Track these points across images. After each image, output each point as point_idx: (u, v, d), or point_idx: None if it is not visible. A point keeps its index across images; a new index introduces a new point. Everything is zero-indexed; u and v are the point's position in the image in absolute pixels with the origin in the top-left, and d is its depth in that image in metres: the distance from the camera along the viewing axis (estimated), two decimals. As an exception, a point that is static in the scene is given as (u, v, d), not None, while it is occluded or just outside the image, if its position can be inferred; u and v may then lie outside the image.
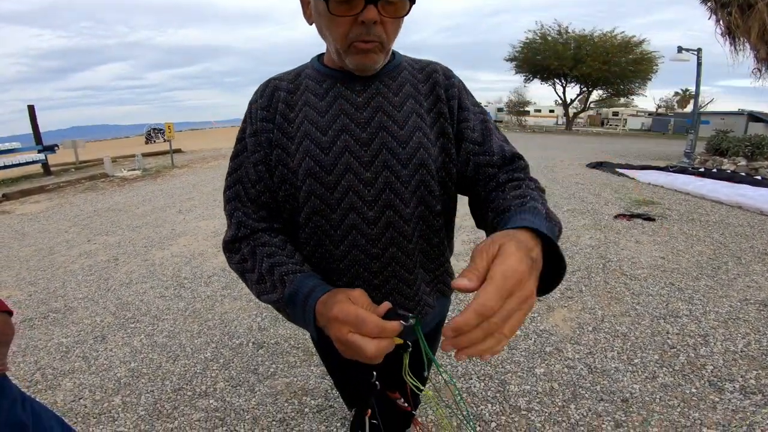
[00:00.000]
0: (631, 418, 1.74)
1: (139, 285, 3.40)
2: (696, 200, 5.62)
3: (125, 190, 7.50)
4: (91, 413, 1.86)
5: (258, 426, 1.77)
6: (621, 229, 4.47)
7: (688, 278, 3.20)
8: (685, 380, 1.97)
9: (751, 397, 1.81)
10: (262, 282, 0.68)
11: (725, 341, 2.28)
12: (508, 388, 1.99)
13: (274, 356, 2.32)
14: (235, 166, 0.74)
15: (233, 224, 0.73)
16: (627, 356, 2.20)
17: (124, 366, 2.23)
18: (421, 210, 0.73)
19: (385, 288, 0.76)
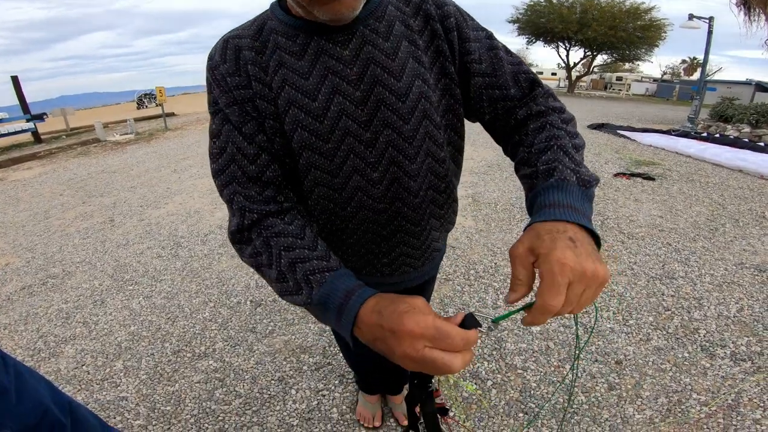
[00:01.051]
0: (624, 380, 1.77)
1: (136, 245, 3.40)
2: (697, 163, 5.57)
3: (118, 153, 7.40)
4: (94, 379, 1.88)
5: (257, 385, 1.80)
6: (620, 188, 4.46)
7: (685, 239, 3.20)
8: (678, 344, 2.00)
9: (741, 364, 1.84)
10: (283, 280, 0.57)
11: (719, 305, 2.31)
12: (505, 345, 2.02)
13: (272, 314, 2.35)
14: (221, 145, 0.61)
15: (236, 211, 0.61)
16: (622, 317, 2.23)
17: (124, 330, 2.25)
18: (429, 162, 0.70)
19: (394, 239, 0.75)
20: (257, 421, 1.61)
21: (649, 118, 11.55)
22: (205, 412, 1.66)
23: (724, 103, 9.58)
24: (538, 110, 0.65)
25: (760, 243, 3.11)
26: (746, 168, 5.10)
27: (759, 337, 2.01)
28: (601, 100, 20.97)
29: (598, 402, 1.65)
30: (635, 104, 18.58)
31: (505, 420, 1.58)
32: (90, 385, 1.85)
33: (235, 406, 1.69)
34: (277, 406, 1.68)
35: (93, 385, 1.85)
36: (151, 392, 1.78)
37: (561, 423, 1.55)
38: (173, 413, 1.66)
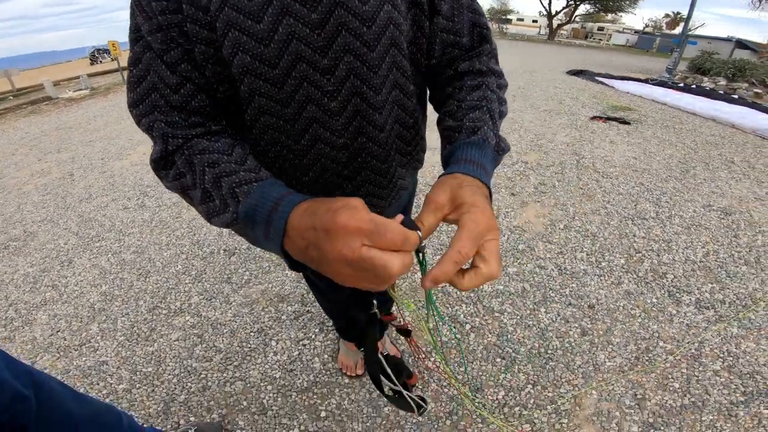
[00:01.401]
0: (596, 326, 1.82)
1: (99, 199, 3.22)
2: (672, 111, 5.64)
3: (73, 110, 6.87)
4: (71, 345, 1.81)
5: (236, 339, 1.77)
6: (596, 130, 4.54)
7: (657, 179, 3.28)
8: (647, 288, 2.06)
9: (704, 312, 1.90)
10: (208, 200, 0.52)
11: (686, 249, 2.38)
12: (482, 288, 2.04)
13: (247, 262, 2.29)
14: (140, 74, 0.54)
15: (158, 138, 0.55)
16: (595, 258, 2.28)
17: (95, 290, 2.16)
18: (395, 94, 0.63)
19: (357, 179, 0.69)
20: (240, 376, 1.59)
21: (628, 67, 11.52)
22: (187, 370, 1.63)
23: (704, 56, 9.76)
24: (480, 69, 0.66)
25: (728, 186, 3.21)
26: (719, 117, 5.22)
27: (722, 284, 2.09)
28: (581, 48, 20.73)
29: (571, 348, 1.70)
30: (615, 54, 18.53)
31: (483, 365, 1.62)
32: (68, 351, 1.78)
33: (216, 362, 1.66)
34: (258, 359, 1.67)
35: (71, 351, 1.78)
36: (130, 354, 1.74)
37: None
38: (155, 374, 1.63)
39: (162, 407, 1.49)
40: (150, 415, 1.47)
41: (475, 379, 1.56)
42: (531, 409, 1.44)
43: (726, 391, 1.52)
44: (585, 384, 1.54)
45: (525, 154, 3.78)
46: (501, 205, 2.85)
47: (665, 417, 1.42)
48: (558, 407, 1.45)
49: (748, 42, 19.02)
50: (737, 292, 2.03)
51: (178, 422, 1.43)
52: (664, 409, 1.45)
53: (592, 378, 1.57)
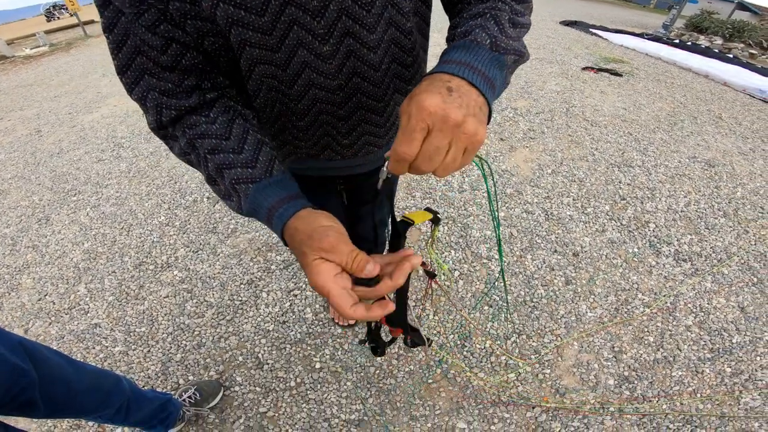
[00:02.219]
0: (580, 275, 1.86)
1: (71, 152, 3.07)
2: (665, 66, 5.55)
3: (33, 67, 6.37)
4: (61, 309, 1.77)
5: (227, 292, 1.77)
6: (587, 80, 4.49)
7: (645, 130, 3.29)
8: (629, 237, 2.10)
9: (682, 265, 1.96)
10: (214, 183, 0.57)
11: (669, 198, 2.41)
12: (470, 233, 2.06)
13: (231, 211, 2.24)
14: (118, 39, 0.51)
15: (151, 108, 0.54)
16: (581, 204, 2.31)
17: (77, 248, 2.09)
18: (392, 33, 0.60)
19: (352, 118, 0.68)
20: (233, 331, 1.61)
21: (624, 21, 11.15)
22: (180, 328, 1.63)
23: (703, 14, 9.55)
24: None
25: (714, 140, 3.23)
26: (712, 74, 5.17)
27: (700, 236, 2.15)
28: (577, 0, 19.90)
29: (555, 296, 1.76)
30: (611, 6, 17.88)
31: (471, 313, 1.67)
32: (59, 315, 1.74)
33: (209, 317, 1.67)
34: (250, 312, 1.68)
35: (62, 315, 1.75)
36: (122, 314, 1.72)
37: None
38: (149, 334, 1.63)
39: (160, 368, 1.50)
40: (149, 376, 1.48)
41: (464, 327, 1.61)
42: (516, 358, 1.51)
43: (695, 347, 1.60)
44: (567, 334, 1.61)
45: (515, 101, 3.72)
46: (490, 150, 2.84)
47: (639, 371, 1.50)
48: (541, 357, 1.52)
49: (749, 4, 18.71)
50: (714, 245, 2.10)
51: (177, 382, 1.45)
52: (639, 362, 1.53)
53: (574, 328, 1.63)
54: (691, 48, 6.88)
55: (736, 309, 1.76)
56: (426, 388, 1.42)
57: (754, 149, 3.14)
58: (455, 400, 1.38)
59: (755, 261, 2.00)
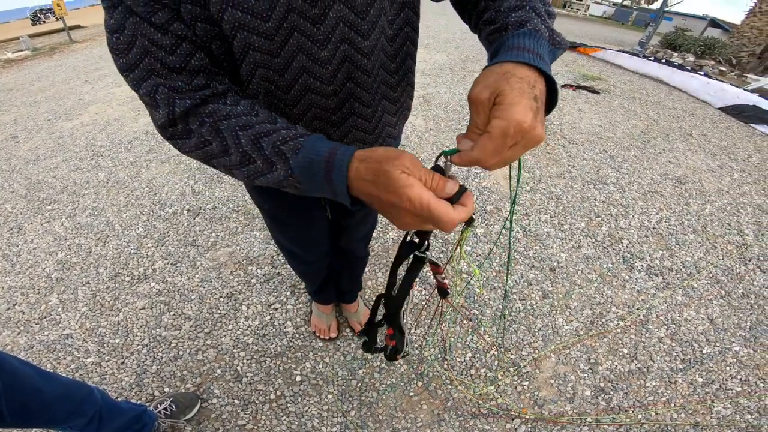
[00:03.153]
0: (557, 289, 1.91)
1: (48, 160, 2.98)
2: (639, 82, 5.79)
3: (13, 71, 6.21)
4: (31, 319, 1.71)
5: (205, 305, 1.74)
6: (566, 97, 4.63)
7: (620, 147, 3.42)
8: (604, 253, 2.17)
9: (654, 279, 2.03)
10: (249, 162, 0.52)
11: (641, 215, 2.51)
12: (451, 248, 2.09)
13: (213, 223, 2.23)
14: (128, 40, 0.50)
15: (162, 102, 0.52)
16: (558, 221, 2.37)
17: (51, 258, 2.03)
18: (383, 41, 0.64)
19: (344, 124, 0.71)
20: (211, 344, 1.58)
21: (602, 38, 11.57)
22: (156, 340, 1.60)
23: (677, 32, 9.98)
24: None
25: (684, 157, 3.38)
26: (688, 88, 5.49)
27: (671, 251, 2.24)
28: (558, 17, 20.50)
29: (533, 310, 1.80)
30: (591, 24, 18.58)
31: (451, 327, 1.69)
32: (29, 326, 1.69)
33: (186, 330, 1.64)
34: (229, 326, 1.66)
35: (32, 325, 1.69)
36: (95, 325, 1.67)
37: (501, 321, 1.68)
38: (123, 345, 1.59)
39: (134, 379, 1.47)
40: (123, 388, 1.45)
41: (444, 341, 1.62)
42: (495, 371, 1.53)
43: (668, 358, 1.65)
44: (544, 347, 1.64)
45: (496, 120, 3.82)
46: (470, 167, 2.89)
47: (614, 382, 1.55)
48: (520, 370, 1.55)
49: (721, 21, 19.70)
50: (684, 260, 2.18)
51: (152, 394, 1.42)
52: (614, 374, 1.57)
53: (551, 341, 1.67)
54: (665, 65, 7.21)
55: (705, 321, 1.83)
56: (407, 400, 1.42)
57: (721, 166, 3.29)
58: (436, 413, 1.39)
59: (723, 275, 2.09)
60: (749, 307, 1.93)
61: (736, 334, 1.78)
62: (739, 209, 2.69)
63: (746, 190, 2.94)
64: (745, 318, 1.87)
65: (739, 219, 2.58)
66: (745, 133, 4.20)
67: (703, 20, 20.44)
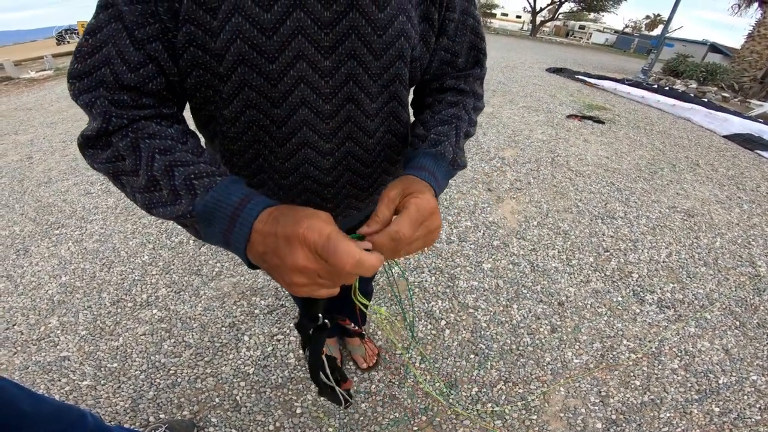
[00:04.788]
0: (565, 323, 1.87)
1: (59, 183, 3.04)
2: (644, 110, 5.85)
3: (35, 90, 6.44)
4: (29, 340, 1.70)
5: (207, 334, 1.72)
6: (572, 128, 4.67)
7: (627, 180, 3.41)
8: (613, 287, 2.13)
9: (665, 312, 1.99)
10: (153, 189, 0.47)
11: (651, 249, 2.47)
12: (458, 283, 2.06)
13: (218, 253, 2.22)
14: (96, 44, 0.47)
15: (98, 113, 0.48)
16: (566, 256, 2.34)
17: (54, 281, 2.03)
18: (391, 106, 0.63)
19: (337, 184, 0.67)
20: (211, 372, 1.55)
21: (605, 66, 11.81)
22: (155, 366, 1.57)
23: (678, 59, 10.13)
24: (463, 88, 0.68)
25: (692, 188, 3.36)
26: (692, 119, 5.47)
27: (682, 284, 2.19)
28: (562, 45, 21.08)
29: (541, 344, 1.75)
30: (594, 52, 18.99)
31: (458, 361, 1.64)
32: (26, 346, 1.67)
33: (186, 357, 1.61)
34: (230, 355, 1.63)
35: (29, 346, 1.68)
36: (94, 349, 1.65)
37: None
38: (121, 370, 1.56)
39: (130, 404, 1.44)
40: (117, 412, 1.41)
41: (450, 375, 1.58)
42: (502, 405, 1.48)
43: (682, 389, 1.60)
44: (553, 380, 1.59)
45: (502, 150, 3.82)
46: (478, 201, 2.88)
47: (627, 414, 1.49)
48: (527, 403, 1.50)
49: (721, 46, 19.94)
50: (696, 292, 2.13)
51: (147, 420, 1.38)
52: (626, 406, 1.52)
53: (560, 375, 1.62)
54: (669, 93, 7.28)
55: (720, 351, 1.78)
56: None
57: (730, 197, 3.26)
58: (439, 452, 1.34)
59: (737, 306, 2.05)
60: (765, 337, 1.88)
61: (753, 363, 1.73)
62: (750, 241, 2.64)
63: (756, 222, 2.90)
64: (761, 347, 1.82)
65: (751, 251, 2.53)
66: (752, 161, 4.19)
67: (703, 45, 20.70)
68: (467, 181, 3.16)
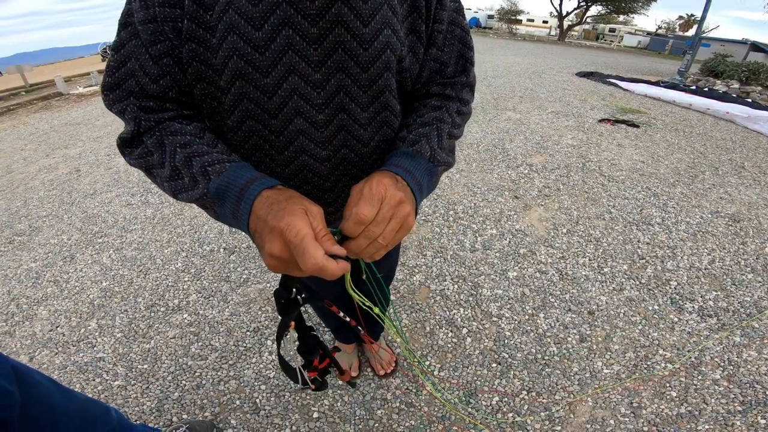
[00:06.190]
0: (595, 332, 1.79)
1: (104, 195, 3.25)
2: (682, 113, 5.55)
3: (83, 105, 6.96)
4: (70, 341, 1.82)
5: (232, 338, 1.77)
6: (604, 132, 4.48)
7: (664, 184, 3.23)
8: (649, 295, 2.02)
9: (707, 320, 1.86)
10: (176, 177, 0.56)
11: (692, 256, 2.33)
12: (481, 291, 2.02)
13: (246, 261, 2.29)
14: (121, 59, 0.55)
15: (130, 119, 0.57)
16: (598, 264, 2.25)
17: (95, 286, 2.17)
18: (383, 115, 0.65)
19: (336, 189, 0.71)
20: (234, 375, 1.59)
21: (639, 69, 11.37)
22: (182, 368, 1.64)
23: (717, 58, 9.60)
24: (448, 94, 0.69)
25: (737, 192, 3.14)
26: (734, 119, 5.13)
27: (726, 292, 2.05)
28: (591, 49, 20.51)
29: (569, 354, 1.68)
30: (626, 55, 18.32)
31: (478, 370, 1.60)
32: (66, 347, 1.79)
33: (212, 360, 1.66)
34: (253, 359, 1.67)
35: (69, 347, 1.79)
36: (127, 351, 1.74)
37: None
38: (150, 371, 1.63)
39: (156, 404, 1.50)
40: (143, 412, 1.47)
41: (470, 384, 1.54)
42: (524, 415, 1.42)
43: (724, 400, 1.49)
44: (581, 391, 1.52)
45: (530, 156, 3.74)
46: (504, 208, 2.82)
47: (660, 426, 1.40)
48: (552, 414, 1.43)
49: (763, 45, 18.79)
50: (742, 300, 1.98)
51: (170, 420, 1.44)
52: (660, 417, 1.43)
53: (588, 385, 1.54)
54: (708, 94, 6.88)
55: (769, 362, 1.64)
56: (428, 446, 1.34)
57: (780, 201, 3.03)
58: (458, 462, 1.30)
59: (788, 317, 1.88)
60: (820, 351, 1.71)
61: (805, 376, 1.58)
62: (804, 247, 2.44)
63: (811, 227, 2.67)
64: (816, 361, 1.66)
65: (805, 258, 2.33)
66: (805, 163, 3.88)
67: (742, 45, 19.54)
68: (492, 188, 3.11)
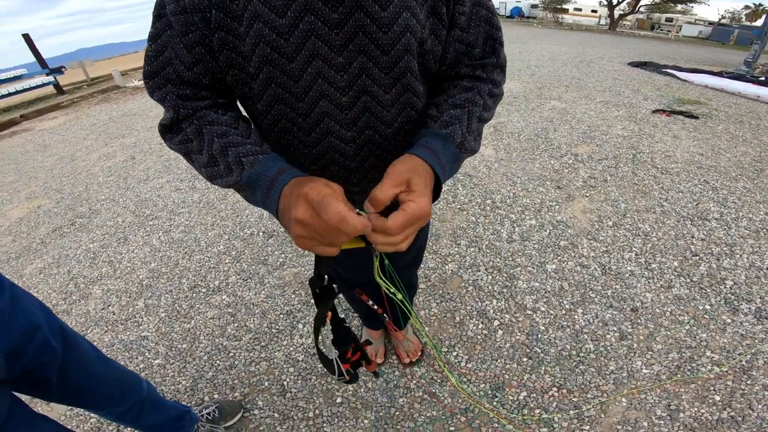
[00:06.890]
0: (638, 330, 1.69)
1: (155, 180, 3.48)
2: (749, 104, 5.06)
3: (138, 98, 7.45)
4: (119, 320, 1.96)
5: (266, 320, 1.84)
6: (658, 124, 4.18)
7: (725, 178, 2.97)
8: (701, 294, 1.88)
9: (764, 323, 1.71)
10: (213, 164, 0.60)
11: (752, 254, 2.13)
12: (516, 283, 1.96)
13: (283, 245, 2.37)
14: (158, 49, 0.59)
15: (170, 107, 0.61)
16: (645, 259, 2.11)
17: (145, 267, 2.32)
18: (406, 97, 0.66)
19: (361, 169, 0.73)
20: (265, 357, 1.66)
21: (699, 59, 10.46)
22: (218, 348, 1.72)
23: None
24: (479, 75, 0.68)
25: (811, 189, 2.84)
26: None
27: (791, 292, 1.86)
28: (646, 39, 19.11)
29: (606, 352, 1.60)
30: (684, 45, 16.92)
31: (508, 364, 1.57)
32: (116, 325, 1.93)
33: (245, 341, 1.74)
34: (284, 341, 1.72)
35: (118, 325, 1.92)
36: (169, 330, 1.85)
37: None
38: (188, 351, 1.73)
39: (190, 383, 1.58)
40: (179, 390, 1.56)
41: (498, 377, 1.51)
42: (552, 413, 1.38)
43: None
44: (615, 390, 1.44)
45: (575, 146, 3.56)
46: (545, 198, 2.72)
47: (697, 430, 1.31)
48: (581, 412, 1.38)
49: None
50: (809, 304, 1.80)
51: (202, 399, 1.52)
52: (698, 422, 1.34)
53: (625, 385, 1.47)
54: None
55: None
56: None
57: None
58: (481, 454, 1.28)
59: None
60: None
61: None
62: None
63: None
64: None
65: None
66: None
67: None
68: (534, 178, 3.00)
